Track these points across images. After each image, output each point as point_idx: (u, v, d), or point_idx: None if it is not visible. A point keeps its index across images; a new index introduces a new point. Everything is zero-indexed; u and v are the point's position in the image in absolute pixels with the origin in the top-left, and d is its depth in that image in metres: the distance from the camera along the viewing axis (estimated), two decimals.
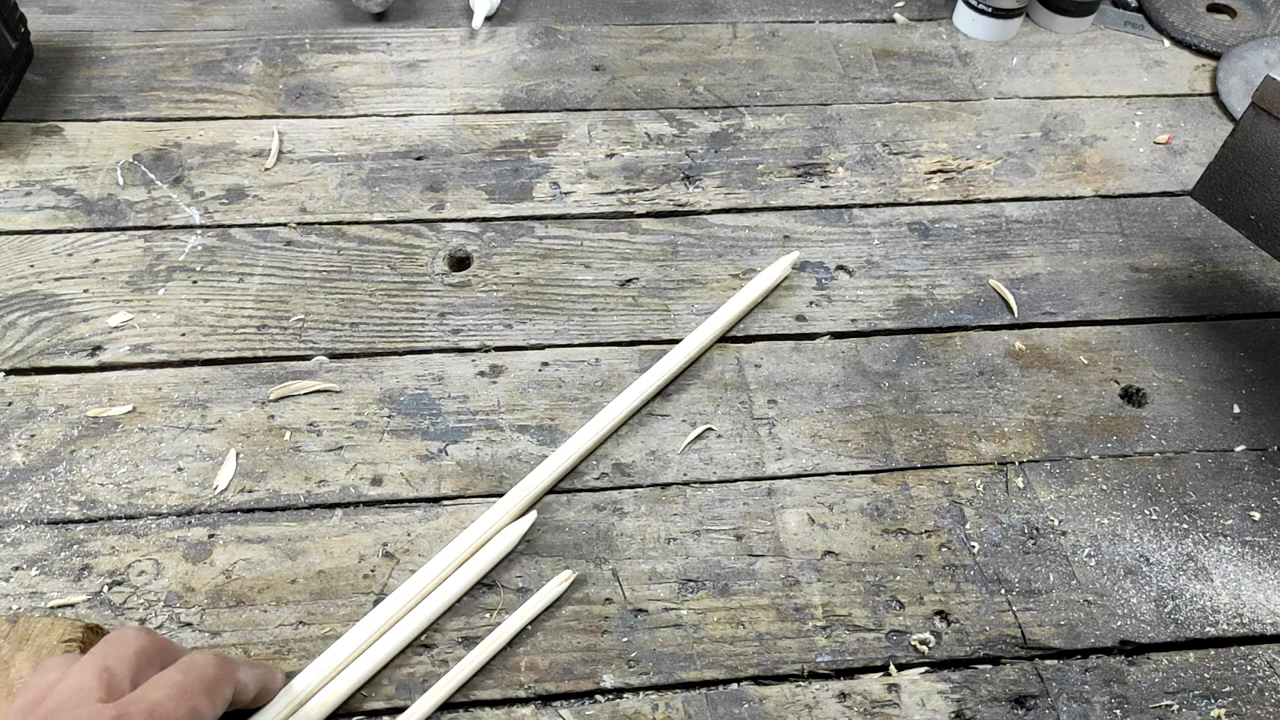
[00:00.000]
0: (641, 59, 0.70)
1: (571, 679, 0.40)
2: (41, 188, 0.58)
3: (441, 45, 0.70)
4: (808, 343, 0.53)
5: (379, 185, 0.60)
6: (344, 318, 0.53)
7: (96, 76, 0.66)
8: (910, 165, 0.64)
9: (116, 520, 0.44)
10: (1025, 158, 0.65)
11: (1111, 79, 0.71)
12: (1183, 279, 0.58)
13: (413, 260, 0.56)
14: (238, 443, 0.47)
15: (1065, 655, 0.42)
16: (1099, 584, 0.44)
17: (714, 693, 0.40)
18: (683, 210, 0.60)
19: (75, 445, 0.46)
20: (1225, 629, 0.43)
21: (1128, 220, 0.61)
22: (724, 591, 0.43)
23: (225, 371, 0.50)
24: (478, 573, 0.41)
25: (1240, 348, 0.54)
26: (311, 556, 0.43)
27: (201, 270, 0.55)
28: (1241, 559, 0.45)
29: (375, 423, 0.48)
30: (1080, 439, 0.49)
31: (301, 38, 0.70)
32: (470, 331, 0.53)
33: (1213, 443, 0.50)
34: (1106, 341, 0.54)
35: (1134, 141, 0.66)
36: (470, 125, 0.64)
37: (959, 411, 0.50)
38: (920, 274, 0.57)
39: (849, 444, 0.49)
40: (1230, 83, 0.70)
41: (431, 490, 0.46)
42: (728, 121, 0.66)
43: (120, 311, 0.52)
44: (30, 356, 0.50)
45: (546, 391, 0.50)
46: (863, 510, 0.46)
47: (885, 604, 0.43)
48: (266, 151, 0.62)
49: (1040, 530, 0.46)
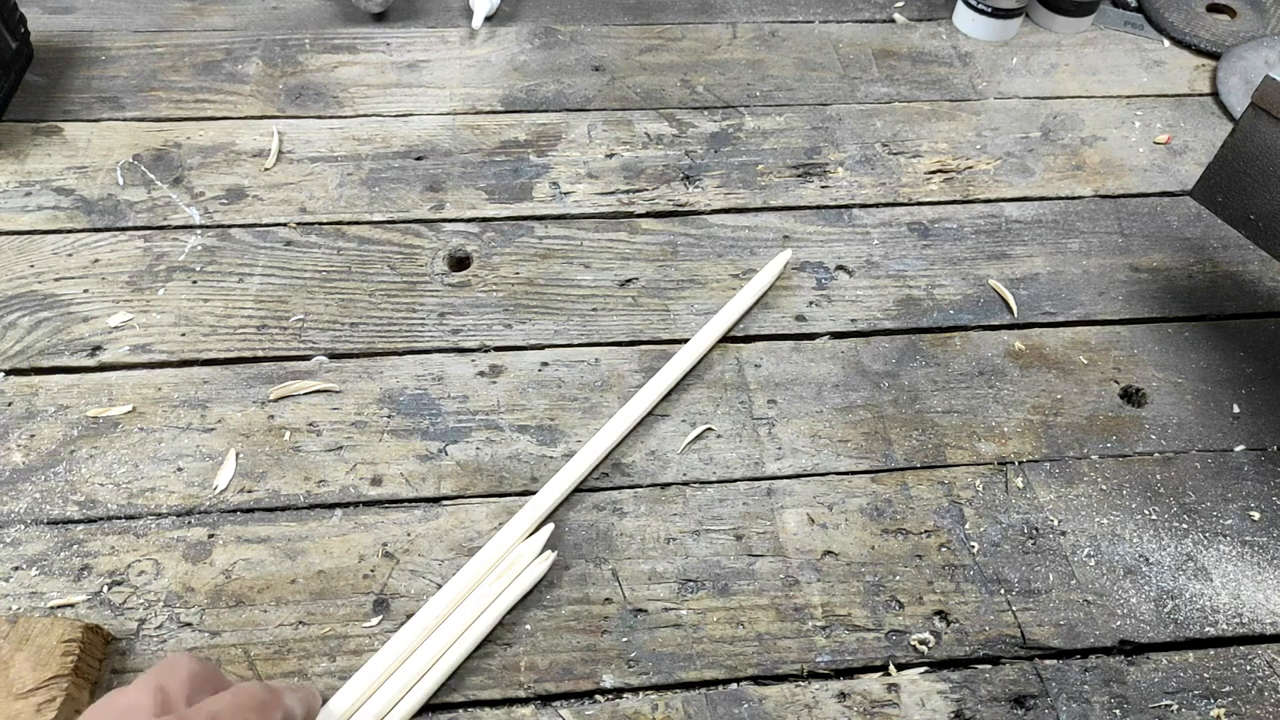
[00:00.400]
0: (641, 59, 0.70)
1: (571, 679, 0.40)
2: (41, 188, 0.58)
3: (441, 45, 0.70)
4: (807, 343, 0.53)
5: (379, 185, 0.60)
6: (344, 318, 0.53)
7: (96, 77, 0.66)
8: (910, 165, 0.64)
9: (116, 520, 0.44)
10: (1025, 158, 0.65)
11: (1111, 79, 0.71)
12: (1182, 279, 0.58)
13: (412, 260, 0.56)
14: (237, 443, 0.47)
15: (1065, 655, 0.42)
16: (1098, 584, 0.44)
17: (714, 693, 0.40)
18: (682, 210, 0.60)
19: (75, 445, 0.46)
20: (1225, 629, 0.43)
21: (1127, 220, 0.61)
22: (724, 591, 0.43)
23: (225, 371, 0.50)
24: (503, 609, 0.41)
25: (1240, 347, 0.54)
26: (311, 557, 0.43)
27: (201, 270, 0.55)
28: (1241, 559, 0.45)
29: (375, 423, 0.48)
30: (1080, 439, 0.49)
31: (301, 38, 0.70)
32: (470, 331, 0.53)
33: (1212, 442, 0.50)
34: (1106, 341, 0.54)
35: (1134, 141, 0.66)
36: (470, 125, 0.64)
37: (958, 411, 0.50)
38: (920, 274, 0.57)
39: (848, 444, 0.49)
40: (1230, 83, 0.70)
41: (431, 490, 0.46)
42: (727, 121, 0.66)
43: (120, 311, 0.52)
44: (30, 357, 0.50)
45: (546, 391, 0.50)
46: (862, 510, 0.46)
47: (885, 604, 0.43)
48: (266, 151, 0.62)
49: (1040, 530, 0.46)
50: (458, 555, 0.43)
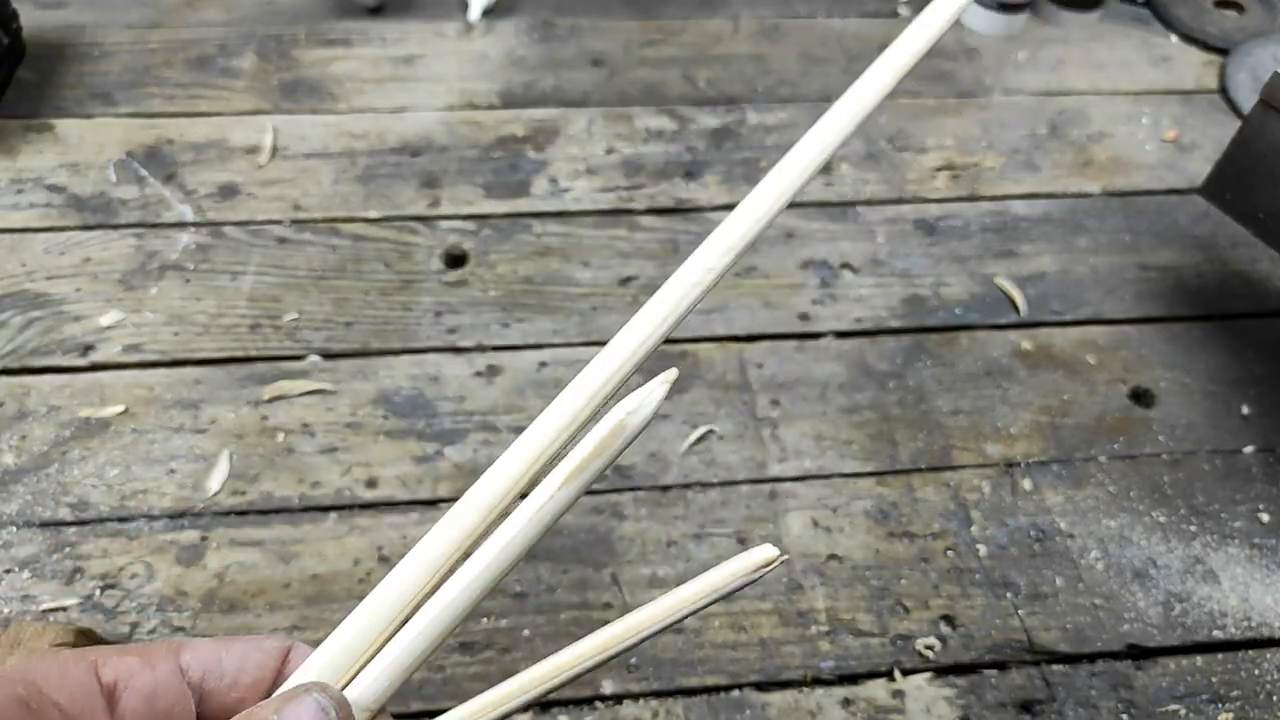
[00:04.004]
0: (642, 53, 0.69)
1: (570, 685, 0.39)
2: (33, 185, 0.58)
3: (437, 39, 0.69)
4: (811, 342, 0.52)
5: (374, 182, 0.59)
6: (338, 317, 0.52)
7: (89, 72, 0.65)
8: (916, 161, 0.63)
9: (108, 522, 0.43)
10: (1032, 154, 0.64)
11: (1119, 75, 0.70)
12: (1191, 277, 0.57)
13: (408, 258, 0.55)
14: (230, 444, 0.46)
15: (1072, 660, 0.41)
16: (1106, 587, 0.43)
17: (716, 699, 0.39)
18: (684, 207, 0.59)
19: (67, 446, 0.46)
20: (1233, 632, 0.42)
21: (1135, 218, 0.60)
22: (725, 596, 0.42)
23: (218, 371, 0.49)
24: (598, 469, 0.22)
25: (1248, 347, 0.54)
26: (305, 560, 0.42)
27: (194, 269, 0.54)
28: (1250, 561, 0.44)
29: (370, 424, 0.47)
30: (1088, 440, 0.49)
31: (295, 32, 0.69)
32: (467, 331, 0.52)
33: (1221, 444, 0.49)
34: (1115, 341, 0.53)
35: (1141, 138, 0.65)
36: (467, 120, 0.63)
37: (965, 412, 0.50)
38: (926, 272, 0.56)
39: (853, 445, 0.48)
40: (1238, 79, 0.69)
41: (427, 493, 0.45)
42: (730, 117, 0.65)
43: (112, 310, 0.51)
44: (21, 356, 0.49)
45: (544, 392, 0.49)
46: (867, 513, 0.45)
47: (890, 608, 0.42)
48: (260, 148, 0.61)
49: (1047, 533, 0.45)
50: None
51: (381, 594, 0.22)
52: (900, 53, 0.27)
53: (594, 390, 0.23)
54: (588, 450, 0.21)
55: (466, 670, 0.40)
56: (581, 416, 0.22)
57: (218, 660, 0.21)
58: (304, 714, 0.20)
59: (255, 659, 0.22)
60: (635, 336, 0.25)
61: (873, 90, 0.28)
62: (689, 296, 0.26)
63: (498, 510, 0.22)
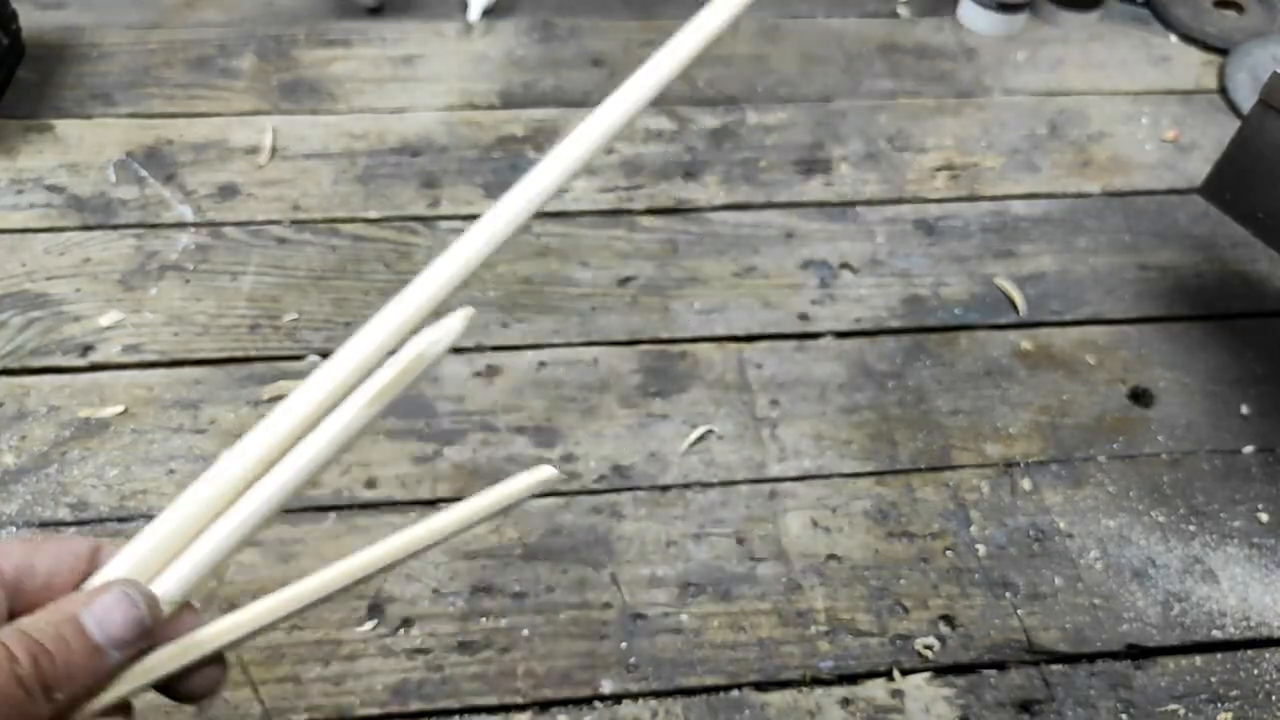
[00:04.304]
0: (642, 53, 0.69)
1: (569, 685, 0.39)
2: (33, 186, 0.58)
3: (437, 39, 0.69)
4: (811, 342, 0.52)
5: (373, 182, 0.59)
6: (338, 317, 0.52)
7: (88, 73, 0.65)
8: (915, 161, 0.63)
9: (108, 523, 0.43)
10: (1031, 154, 0.64)
11: (1118, 74, 0.70)
12: (1191, 277, 0.57)
13: (408, 258, 0.55)
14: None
15: (1071, 660, 0.41)
16: (1105, 587, 0.43)
17: (715, 699, 0.39)
18: (683, 207, 0.59)
19: (66, 446, 0.46)
20: (1233, 632, 0.42)
21: (1135, 218, 0.60)
22: (725, 596, 0.42)
23: (217, 372, 0.49)
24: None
25: (1248, 347, 0.54)
26: (304, 561, 0.42)
27: (194, 269, 0.54)
28: (1249, 561, 0.44)
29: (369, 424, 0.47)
30: (1087, 440, 0.49)
31: (295, 32, 0.69)
32: (466, 330, 0.52)
33: (1221, 444, 0.49)
34: (1114, 341, 0.53)
35: (1141, 138, 0.65)
36: (466, 120, 0.63)
37: (965, 412, 0.50)
38: (925, 272, 0.56)
39: (853, 445, 0.48)
40: (1238, 79, 0.69)
41: (427, 493, 0.45)
42: (729, 117, 0.65)
43: (112, 311, 0.52)
44: (21, 357, 0.49)
45: (544, 392, 0.49)
46: (866, 513, 0.45)
47: (889, 608, 0.42)
48: (260, 148, 0.61)
49: (1046, 533, 0.45)
50: (453, 559, 0.43)
51: (186, 500, 0.24)
52: (671, 57, 0.26)
53: (399, 327, 0.25)
54: (390, 375, 0.24)
55: (465, 670, 0.40)
56: (386, 347, 0.25)
57: (29, 561, 0.22)
58: (113, 603, 0.21)
59: (67, 561, 0.23)
60: (435, 281, 0.27)
61: (640, 90, 0.26)
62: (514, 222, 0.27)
63: (308, 423, 0.24)
